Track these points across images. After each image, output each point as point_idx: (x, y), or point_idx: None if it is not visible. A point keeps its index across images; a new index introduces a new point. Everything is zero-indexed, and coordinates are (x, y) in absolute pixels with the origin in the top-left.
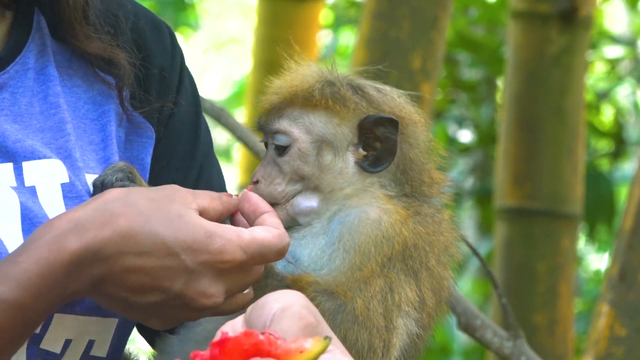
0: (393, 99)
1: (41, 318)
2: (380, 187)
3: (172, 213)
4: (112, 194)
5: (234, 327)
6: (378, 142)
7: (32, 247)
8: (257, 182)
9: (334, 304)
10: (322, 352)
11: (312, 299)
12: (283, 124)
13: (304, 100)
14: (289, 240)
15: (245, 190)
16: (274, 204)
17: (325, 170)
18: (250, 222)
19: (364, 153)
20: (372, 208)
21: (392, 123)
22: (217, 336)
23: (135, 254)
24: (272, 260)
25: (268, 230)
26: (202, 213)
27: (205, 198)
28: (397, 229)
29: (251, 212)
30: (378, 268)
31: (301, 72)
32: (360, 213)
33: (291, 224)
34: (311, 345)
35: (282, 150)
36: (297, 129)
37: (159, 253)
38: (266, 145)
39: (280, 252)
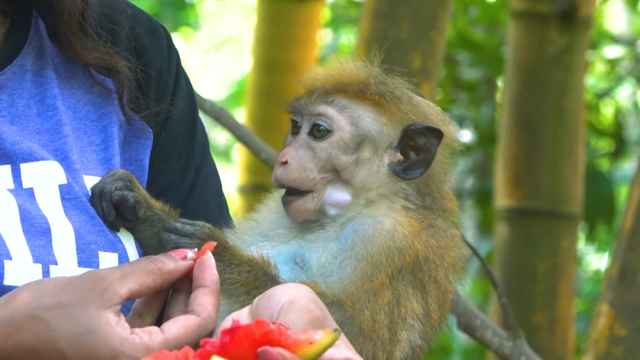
0: (439, 113)
1: None
2: (404, 197)
3: (80, 325)
4: (20, 300)
5: (240, 317)
6: (413, 150)
7: None
8: (285, 162)
9: (342, 315)
10: (332, 344)
11: None
12: (330, 110)
13: (356, 91)
14: (214, 325)
15: (208, 252)
16: (305, 191)
17: (361, 166)
18: (194, 288)
19: (400, 158)
20: (387, 219)
21: (436, 135)
22: (228, 324)
23: None
24: (195, 344)
25: (185, 322)
26: (132, 296)
27: (138, 278)
28: (410, 240)
29: (197, 278)
30: (387, 280)
31: (350, 64)
32: (375, 223)
33: (317, 217)
34: (321, 337)
35: (321, 135)
36: (343, 118)
37: None
38: (294, 124)
39: (205, 336)
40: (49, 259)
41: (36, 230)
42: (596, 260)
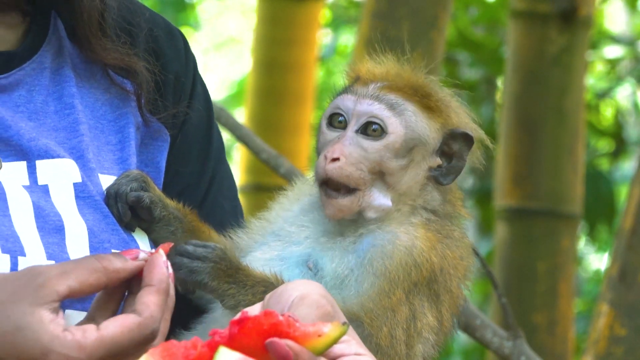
0: (474, 120)
1: None
2: (431, 208)
3: (10, 323)
4: None
5: (252, 312)
6: (447, 156)
7: None
8: (337, 159)
9: (360, 333)
10: (340, 337)
11: None
12: (386, 111)
13: (413, 95)
14: (157, 325)
15: (160, 251)
16: (352, 189)
17: (408, 170)
18: (142, 286)
19: (439, 162)
20: (405, 234)
21: (469, 142)
22: (237, 315)
23: None
24: (136, 351)
25: (124, 321)
26: (72, 294)
27: (79, 276)
28: (427, 255)
29: (145, 277)
30: (404, 295)
31: (396, 64)
32: (394, 238)
33: (354, 217)
34: (329, 329)
35: (374, 135)
36: (399, 121)
37: None
38: (335, 119)
39: (146, 340)
40: (62, 256)
41: (50, 227)
42: (596, 260)
